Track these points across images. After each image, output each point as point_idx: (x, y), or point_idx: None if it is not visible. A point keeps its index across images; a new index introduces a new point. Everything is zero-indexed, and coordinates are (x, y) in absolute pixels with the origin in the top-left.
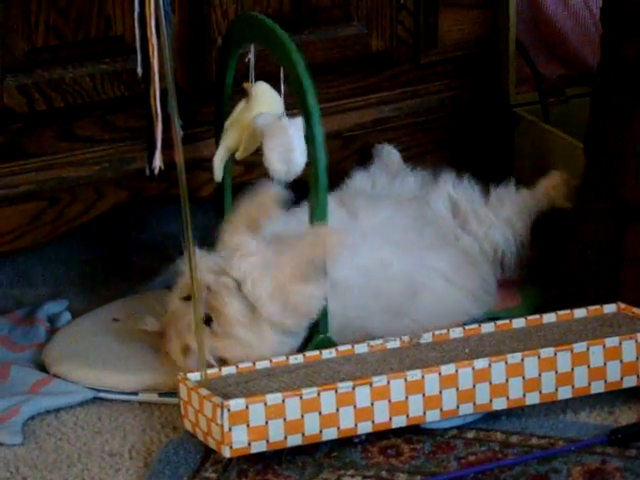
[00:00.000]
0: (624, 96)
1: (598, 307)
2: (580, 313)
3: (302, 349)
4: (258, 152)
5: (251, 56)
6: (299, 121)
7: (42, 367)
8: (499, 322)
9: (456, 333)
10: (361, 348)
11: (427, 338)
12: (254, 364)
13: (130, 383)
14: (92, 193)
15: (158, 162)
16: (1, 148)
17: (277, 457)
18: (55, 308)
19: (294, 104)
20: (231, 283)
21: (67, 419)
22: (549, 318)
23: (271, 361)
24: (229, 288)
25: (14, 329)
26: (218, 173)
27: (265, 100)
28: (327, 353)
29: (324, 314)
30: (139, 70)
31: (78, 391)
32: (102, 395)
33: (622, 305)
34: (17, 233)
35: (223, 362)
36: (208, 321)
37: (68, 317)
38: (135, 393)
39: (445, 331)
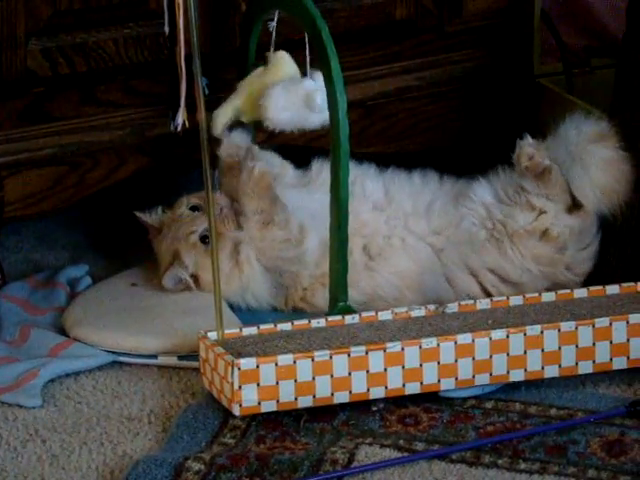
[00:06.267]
0: None
1: (632, 284)
2: (613, 290)
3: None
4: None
5: (274, 23)
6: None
7: (62, 330)
8: (527, 295)
9: (483, 304)
10: (385, 315)
11: (453, 308)
12: (275, 325)
13: (149, 346)
14: (114, 158)
15: (181, 119)
16: (24, 111)
17: (295, 424)
18: (76, 272)
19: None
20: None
21: (86, 383)
22: (580, 293)
23: (292, 323)
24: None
25: (34, 292)
26: (217, 127)
27: (283, 68)
28: (350, 319)
29: (343, 282)
30: (166, 28)
31: (97, 355)
32: (121, 359)
33: None
34: (39, 197)
35: (195, 280)
36: (204, 239)
37: (88, 281)
38: (154, 356)
39: (472, 301)
